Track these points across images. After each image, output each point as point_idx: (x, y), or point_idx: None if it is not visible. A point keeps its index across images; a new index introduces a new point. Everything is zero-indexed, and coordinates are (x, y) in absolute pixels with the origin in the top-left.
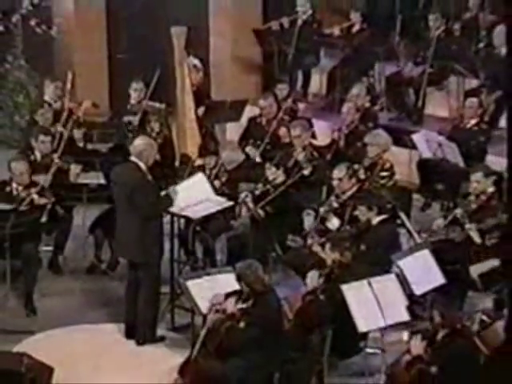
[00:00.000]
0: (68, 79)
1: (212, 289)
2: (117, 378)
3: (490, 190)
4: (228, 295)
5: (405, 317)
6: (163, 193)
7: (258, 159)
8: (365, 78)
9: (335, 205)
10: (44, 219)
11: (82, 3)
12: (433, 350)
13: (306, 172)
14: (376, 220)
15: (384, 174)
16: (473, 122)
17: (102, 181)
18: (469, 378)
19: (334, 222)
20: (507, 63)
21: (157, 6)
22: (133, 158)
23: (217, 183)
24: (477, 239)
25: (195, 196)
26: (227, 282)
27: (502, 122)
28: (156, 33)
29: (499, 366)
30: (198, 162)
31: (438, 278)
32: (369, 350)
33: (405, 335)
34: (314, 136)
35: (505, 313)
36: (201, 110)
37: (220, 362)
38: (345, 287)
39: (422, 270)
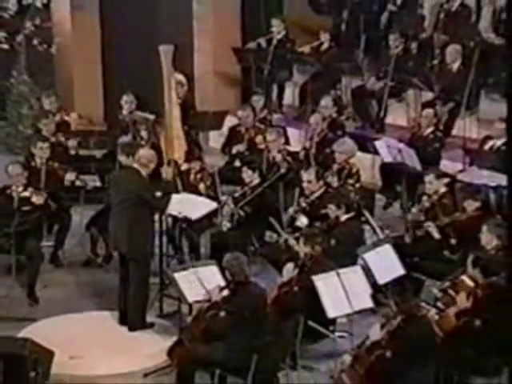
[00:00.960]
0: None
1: (196, 280)
2: (111, 359)
3: (442, 190)
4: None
5: (369, 304)
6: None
7: (237, 164)
8: (333, 91)
9: (304, 205)
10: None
11: (80, 25)
12: (388, 335)
13: (282, 170)
14: (344, 217)
15: (351, 178)
16: (429, 130)
17: (98, 183)
18: (422, 360)
19: (302, 220)
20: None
21: (146, 26)
22: (135, 165)
23: (202, 186)
24: (436, 235)
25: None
26: (210, 273)
27: (455, 131)
28: (146, 50)
29: (452, 348)
30: (184, 166)
31: (398, 269)
32: (337, 334)
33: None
34: (287, 142)
35: (459, 301)
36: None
37: (204, 345)
38: (315, 278)
39: (385, 262)
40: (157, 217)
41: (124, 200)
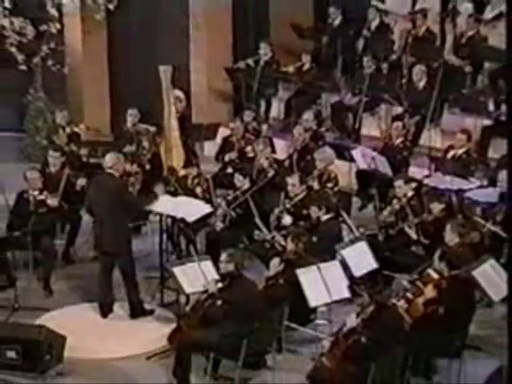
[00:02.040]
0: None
1: (193, 273)
2: (116, 343)
3: (410, 193)
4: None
5: (346, 294)
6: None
7: (229, 170)
8: (314, 106)
9: (288, 205)
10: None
11: (89, 48)
12: (363, 322)
13: (269, 174)
14: (324, 218)
15: (330, 183)
16: (398, 140)
17: None
18: (393, 344)
19: (287, 219)
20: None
21: (148, 48)
22: (108, 170)
23: (198, 190)
24: (413, 236)
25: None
26: (205, 267)
27: (421, 141)
28: (148, 70)
29: (420, 333)
30: (182, 172)
31: (372, 264)
32: (318, 321)
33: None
34: (274, 151)
35: (425, 291)
36: (183, 138)
37: (200, 331)
38: (299, 271)
39: (360, 257)
40: (158, 217)
41: (102, 202)
